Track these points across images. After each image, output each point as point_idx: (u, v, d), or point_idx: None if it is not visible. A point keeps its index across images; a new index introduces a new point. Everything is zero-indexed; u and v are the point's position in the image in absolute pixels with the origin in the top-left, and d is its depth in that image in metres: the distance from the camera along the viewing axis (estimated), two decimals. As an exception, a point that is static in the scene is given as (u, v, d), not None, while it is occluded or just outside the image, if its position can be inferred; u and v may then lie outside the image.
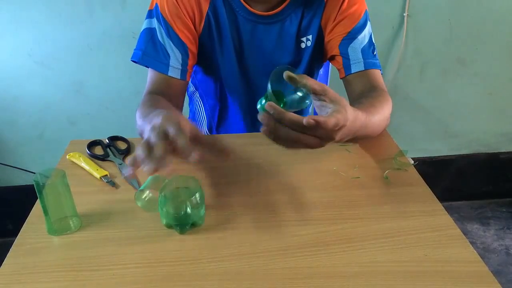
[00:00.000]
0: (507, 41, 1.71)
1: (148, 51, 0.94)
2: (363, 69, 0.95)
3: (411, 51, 1.69)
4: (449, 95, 1.81)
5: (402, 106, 1.80)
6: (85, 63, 1.57)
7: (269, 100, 0.65)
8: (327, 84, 1.27)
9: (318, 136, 0.62)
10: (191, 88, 1.17)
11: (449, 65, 1.74)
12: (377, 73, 0.97)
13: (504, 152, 1.97)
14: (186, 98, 1.22)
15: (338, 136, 0.64)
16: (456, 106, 1.83)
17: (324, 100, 0.65)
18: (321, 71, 1.27)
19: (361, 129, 0.73)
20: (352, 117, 0.66)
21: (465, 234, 0.72)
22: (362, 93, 0.92)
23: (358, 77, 0.96)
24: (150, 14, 0.95)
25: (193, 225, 0.66)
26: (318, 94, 0.65)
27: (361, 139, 0.85)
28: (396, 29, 1.64)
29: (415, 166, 0.82)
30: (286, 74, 0.64)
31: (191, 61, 0.97)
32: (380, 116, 0.83)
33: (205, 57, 1.02)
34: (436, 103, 1.82)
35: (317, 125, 0.59)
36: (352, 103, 0.89)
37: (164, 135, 0.61)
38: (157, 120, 0.64)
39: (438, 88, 1.78)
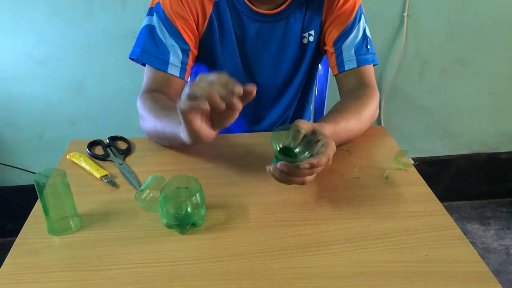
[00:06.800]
0: (507, 41, 1.71)
1: (147, 48, 0.92)
2: (356, 66, 0.98)
3: (411, 51, 1.69)
4: (449, 95, 1.80)
5: (402, 106, 1.80)
6: (85, 63, 1.57)
7: (279, 159, 0.68)
8: (327, 83, 1.28)
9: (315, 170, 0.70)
10: None
11: (449, 65, 1.74)
12: (368, 69, 0.99)
13: (504, 152, 1.97)
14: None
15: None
16: (456, 106, 1.83)
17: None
18: (321, 70, 1.27)
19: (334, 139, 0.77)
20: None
21: (465, 234, 0.72)
22: (350, 91, 0.97)
23: (349, 75, 0.98)
24: (150, 11, 0.94)
25: (193, 225, 0.67)
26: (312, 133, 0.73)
27: (341, 145, 0.87)
28: (396, 29, 1.64)
29: (415, 166, 0.82)
30: (292, 133, 0.71)
31: (190, 61, 0.95)
32: (355, 121, 0.86)
33: (206, 59, 1.02)
34: (436, 103, 1.82)
35: (313, 165, 0.67)
36: (341, 99, 0.96)
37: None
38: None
39: (438, 88, 1.78)
